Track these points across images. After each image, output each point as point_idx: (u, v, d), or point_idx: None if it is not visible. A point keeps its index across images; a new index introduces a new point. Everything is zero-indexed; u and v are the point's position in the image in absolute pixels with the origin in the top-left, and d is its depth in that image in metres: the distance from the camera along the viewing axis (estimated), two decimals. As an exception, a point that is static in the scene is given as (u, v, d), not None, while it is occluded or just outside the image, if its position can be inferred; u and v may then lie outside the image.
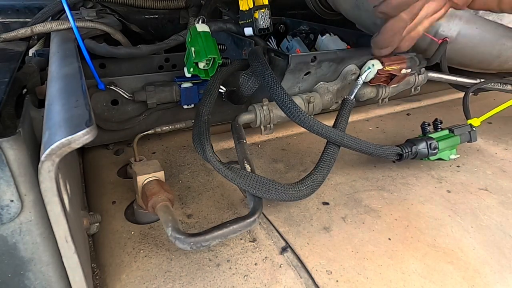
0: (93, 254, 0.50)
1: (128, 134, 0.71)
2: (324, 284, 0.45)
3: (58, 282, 0.35)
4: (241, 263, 0.48)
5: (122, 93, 0.66)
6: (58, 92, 0.33)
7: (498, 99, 1.08)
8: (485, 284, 0.47)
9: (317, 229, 0.54)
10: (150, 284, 0.44)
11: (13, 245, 0.31)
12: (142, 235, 0.52)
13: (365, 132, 0.88)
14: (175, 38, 0.75)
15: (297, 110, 0.54)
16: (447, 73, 0.88)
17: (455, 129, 0.69)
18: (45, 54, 0.64)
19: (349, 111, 0.62)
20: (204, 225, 0.55)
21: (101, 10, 0.82)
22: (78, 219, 0.41)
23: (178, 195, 0.61)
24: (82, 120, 0.27)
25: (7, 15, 0.87)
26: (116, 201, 0.59)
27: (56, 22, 0.65)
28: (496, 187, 0.66)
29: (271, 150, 0.77)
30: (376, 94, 0.80)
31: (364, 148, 0.59)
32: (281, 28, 1.01)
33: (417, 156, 0.66)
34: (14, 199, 0.30)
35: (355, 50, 0.73)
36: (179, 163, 0.70)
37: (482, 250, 0.52)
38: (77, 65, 0.41)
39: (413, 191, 0.64)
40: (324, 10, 1.13)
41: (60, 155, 0.26)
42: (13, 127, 0.32)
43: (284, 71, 0.64)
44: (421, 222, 0.56)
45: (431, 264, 0.49)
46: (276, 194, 0.50)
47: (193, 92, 0.70)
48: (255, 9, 0.73)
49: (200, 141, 0.51)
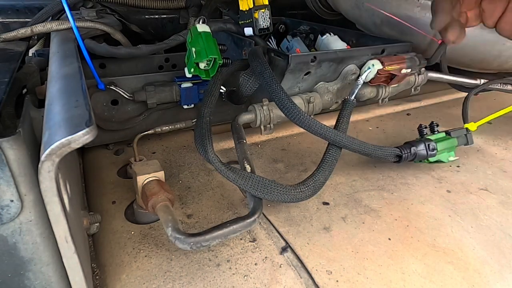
0: (93, 254, 0.50)
1: (128, 134, 0.71)
2: (324, 284, 0.45)
3: (58, 282, 0.35)
4: (241, 263, 0.48)
5: (122, 93, 0.66)
6: (58, 92, 0.33)
7: (498, 99, 1.08)
8: (485, 284, 0.47)
9: (317, 229, 0.54)
10: (150, 284, 0.44)
11: (13, 245, 0.31)
12: (142, 235, 0.52)
13: (365, 132, 0.88)
14: (175, 38, 0.75)
15: (296, 111, 0.54)
16: (447, 73, 0.88)
17: (451, 131, 0.69)
18: (45, 54, 0.64)
19: (350, 111, 0.62)
20: (204, 225, 0.55)
21: (101, 10, 0.82)
22: (78, 219, 0.41)
23: (178, 195, 0.61)
24: (82, 120, 0.27)
25: (7, 15, 0.87)
26: (116, 201, 0.59)
27: (56, 22, 0.65)
28: (496, 187, 0.66)
29: (271, 150, 0.77)
30: (376, 94, 0.80)
31: (363, 149, 0.59)
32: (281, 28, 1.01)
33: (416, 157, 0.66)
34: (14, 199, 0.30)
35: (355, 50, 0.73)
36: (179, 163, 0.70)
37: (482, 250, 0.52)
38: (77, 65, 0.41)
39: (413, 191, 0.64)
40: (324, 10, 1.14)
41: (60, 155, 0.26)
42: (13, 127, 0.32)
43: (284, 71, 0.64)
44: (421, 222, 0.56)
45: (431, 264, 0.49)
46: (278, 195, 0.50)
47: (193, 92, 0.70)
48: (255, 9, 0.73)
49: (202, 142, 0.51)
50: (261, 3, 0.74)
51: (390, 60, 0.70)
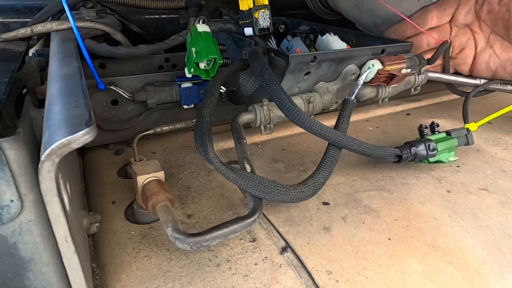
0: (93, 254, 0.50)
1: (128, 134, 0.71)
2: (324, 284, 0.45)
3: (58, 282, 0.35)
4: (241, 263, 0.48)
5: (122, 93, 0.66)
6: (58, 92, 0.33)
7: (498, 99, 1.08)
8: (485, 284, 0.47)
9: (317, 229, 0.54)
10: (150, 284, 0.44)
11: (13, 245, 0.31)
12: (142, 235, 0.52)
13: (365, 132, 0.88)
14: (175, 38, 0.75)
15: (296, 111, 0.54)
16: (447, 73, 0.88)
17: (452, 132, 0.69)
18: (45, 54, 0.64)
19: (350, 112, 0.62)
20: (204, 225, 0.55)
21: (101, 10, 0.82)
22: (78, 219, 0.41)
23: (178, 195, 0.61)
24: (82, 120, 0.27)
25: (7, 15, 0.87)
26: (116, 201, 0.59)
27: (56, 22, 0.65)
28: (496, 187, 0.66)
29: (271, 150, 0.77)
30: (376, 94, 0.80)
31: (363, 149, 0.59)
32: (281, 28, 1.01)
33: (416, 157, 0.66)
34: (14, 199, 0.30)
35: (355, 50, 0.72)
36: (179, 163, 0.70)
37: (482, 250, 0.52)
38: (77, 65, 0.41)
39: (413, 191, 0.64)
40: (324, 10, 1.14)
41: (60, 155, 0.26)
42: (13, 127, 0.32)
43: (284, 71, 0.64)
44: (421, 222, 0.56)
45: (431, 264, 0.49)
46: (278, 195, 0.50)
47: (193, 92, 0.70)
48: (255, 9, 0.73)
49: (203, 142, 0.51)
50: (261, 3, 0.74)
51: (390, 60, 0.70)
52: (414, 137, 0.70)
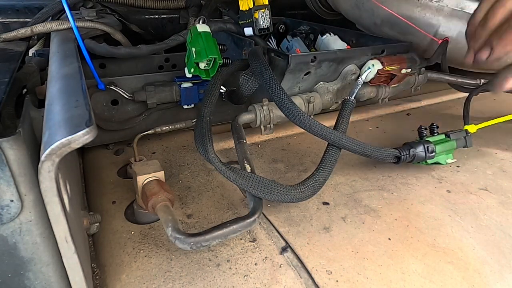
0: (93, 254, 0.50)
1: (128, 134, 0.71)
2: (324, 284, 0.45)
3: (58, 282, 0.35)
4: (241, 263, 0.48)
5: (122, 93, 0.66)
6: (58, 92, 0.33)
7: (498, 99, 1.08)
8: (485, 284, 0.47)
9: (317, 229, 0.54)
10: (150, 284, 0.44)
11: (13, 245, 0.31)
12: (142, 235, 0.52)
13: (365, 132, 0.88)
14: (175, 38, 0.75)
15: (296, 111, 0.54)
16: (447, 73, 0.88)
17: (451, 133, 0.69)
18: (45, 54, 0.64)
19: (350, 112, 0.62)
20: (204, 225, 0.55)
21: (101, 10, 0.82)
22: (78, 219, 0.41)
23: (178, 195, 0.61)
24: (82, 120, 0.27)
25: (7, 15, 0.87)
26: (116, 201, 0.59)
27: (56, 22, 0.65)
28: (496, 187, 0.66)
29: (271, 150, 0.77)
30: (376, 94, 0.80)
31: (362, 150, 0.59)
32: (281, 28, 1.01)
33: (415, 159, 0.66)
34: (14, 199, 0.30)
35: (355, 50, 0.73)
36: (179, 163, 0.70)
37: (482, 250, 0.52)
38: (77, 65, 0.41)
39: (413, 191, 0.64)
40: (324, 10, 1.14)
41: (60, 155, 0.26)
42: (13, 127, 0.32)
43: (284, 71, 0.64)
44: (421, 222, 0.56)
45: (431, 264, 0.49)
46: (278, 195, 0.50)
47: (193, 92, 0.70)
48: (255, 9, 0.73)
49: (203, 142, 0.51)
50: (261, 3, 0.74)
51: (390, 60, 0.70)
52: (414, 137, 0.70)
